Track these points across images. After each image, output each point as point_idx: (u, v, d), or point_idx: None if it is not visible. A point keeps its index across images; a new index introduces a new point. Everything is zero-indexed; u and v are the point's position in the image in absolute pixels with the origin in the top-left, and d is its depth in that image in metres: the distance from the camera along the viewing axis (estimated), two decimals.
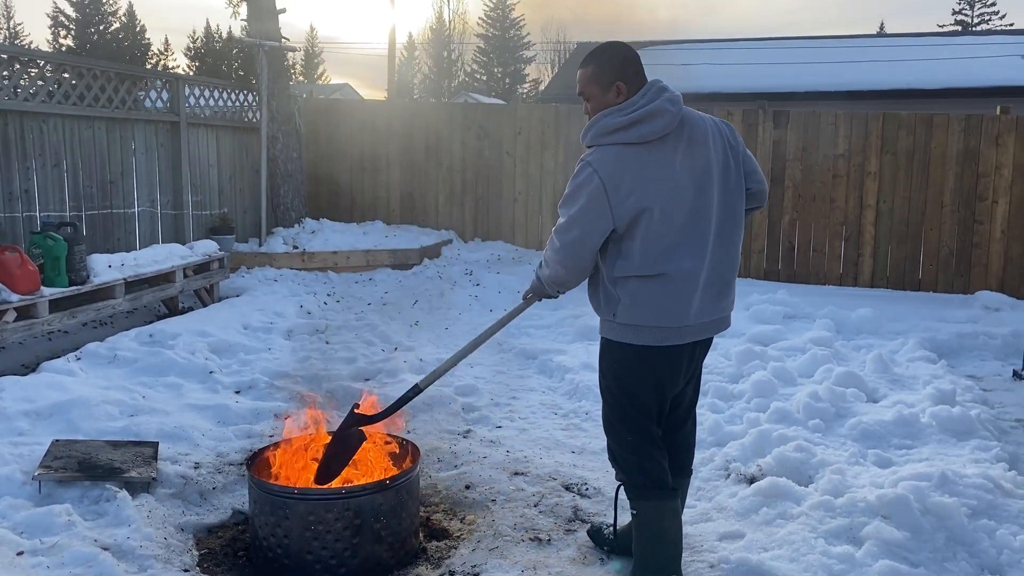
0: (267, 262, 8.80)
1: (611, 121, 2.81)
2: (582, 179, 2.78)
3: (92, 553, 3.04)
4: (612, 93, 2.86)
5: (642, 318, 2.83)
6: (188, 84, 8.57)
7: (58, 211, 6.72)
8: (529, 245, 10.36)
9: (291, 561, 3.10)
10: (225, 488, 3.88)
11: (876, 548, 3.18)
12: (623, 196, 2.74)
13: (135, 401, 4.72)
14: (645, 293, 2.81)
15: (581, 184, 2.78)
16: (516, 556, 3.29)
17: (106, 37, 53.70)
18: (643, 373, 2.92)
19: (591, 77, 2.89)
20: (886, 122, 9.09)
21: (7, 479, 3.57)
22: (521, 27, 57.87)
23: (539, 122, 10.35)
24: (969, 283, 8.89)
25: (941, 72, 14.54)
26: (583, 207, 2.77)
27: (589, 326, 6.95)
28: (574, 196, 2.80)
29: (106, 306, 6.11)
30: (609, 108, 2.85)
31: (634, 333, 2.86)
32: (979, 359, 6.76)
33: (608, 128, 2.81)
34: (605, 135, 2.82)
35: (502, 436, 4.68)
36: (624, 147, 2.78)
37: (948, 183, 8.93)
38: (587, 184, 2.76)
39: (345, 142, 10.89)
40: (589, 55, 2.95)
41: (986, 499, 3.57)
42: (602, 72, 2.87)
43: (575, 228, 2.81)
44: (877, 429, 4.56)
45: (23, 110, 6.34)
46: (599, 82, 2.88)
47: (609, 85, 2.86)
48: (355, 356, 6.07)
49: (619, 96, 2.86)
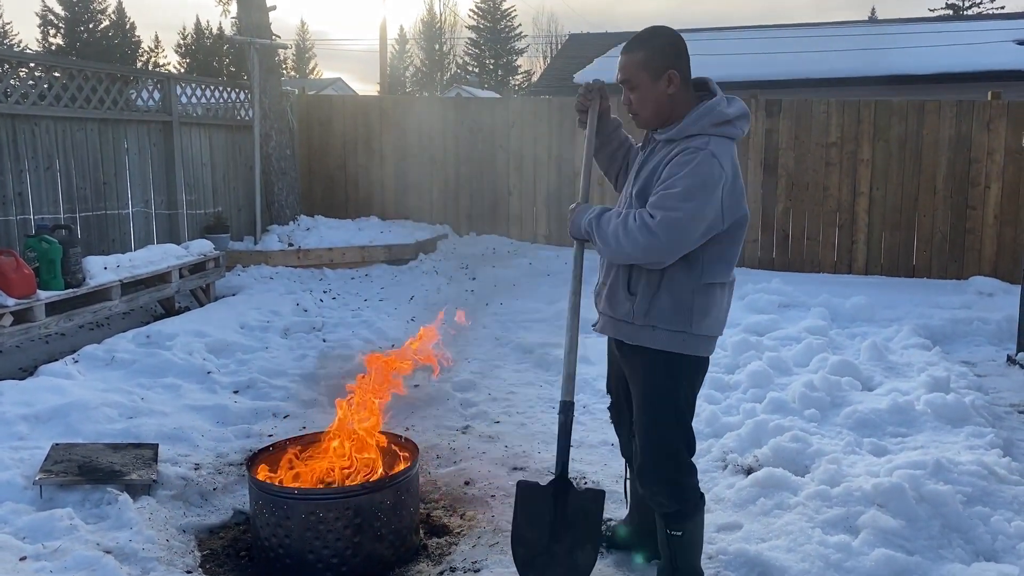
0: (262, 260, 8.81)
1: (724, 111, 2.62)
2: (707, 169, 2.52)
3: (95, 557, 3.06)
4: (663, 83, 2.63)
5: (711, 328, 2.68)
6: (180, 83, 8.55)
7: (52, 214, 6.71)
8: (524, 238, 10.37)
9: (293, 561, 3.13)
10: (226, 489, 3.90)
11: (872, 537, 3.21)
12: (738, 195, 2.61)
13: (134, 403, 4.73)
14: (719, 301, 2.69)
15: (706, 174, 2.51)
16: None
17: (96, 35, 53.44)
18: (699, 388, 2.81)
19: (641, 64, 2.63)
20: (878, 109, 9.11)
21: (8, 484, 3.58)
22: (512, 18, 57.84)
23: (532, 115, 10.35)
24: (962, 268, 8.94)
25: (933, 58, 14.54)
26: (702, 200, 2.51)
27: (585, 318, 6.96)
28: (695, 186, 2.51)
29: (102, 308, 6.11)
30: (714, 99, 2.64)
31: (705, 345, 2.71)
32: (973, 344, 6.79)
33: (722, 118, 2.61)
34: (718, 125, 2.61)
35: (500, 431, 4.71)
36: (731, 142, 2.63)
37: (940, 169, 8.96)
38: (712, 175, 2.52)
39: (338, 138, 10.88)
40: (636, 40, 2.68)
41: (980, 486, 3.60)
42: (653, 59, 2.63)
43: (687, 221, 2.50)
44: (872, 417, 4.59)
45: (14, 113, 6.32)
46: (649, 70, 2.63)
47: (661, 73, 2.62)
48: (353, 353, 6.07)
49: (670, 86, 2.64)
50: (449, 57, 59.64)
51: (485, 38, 57.56)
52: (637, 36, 2.69)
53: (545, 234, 10.32)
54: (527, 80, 55.21)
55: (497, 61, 57.78)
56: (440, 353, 3.66)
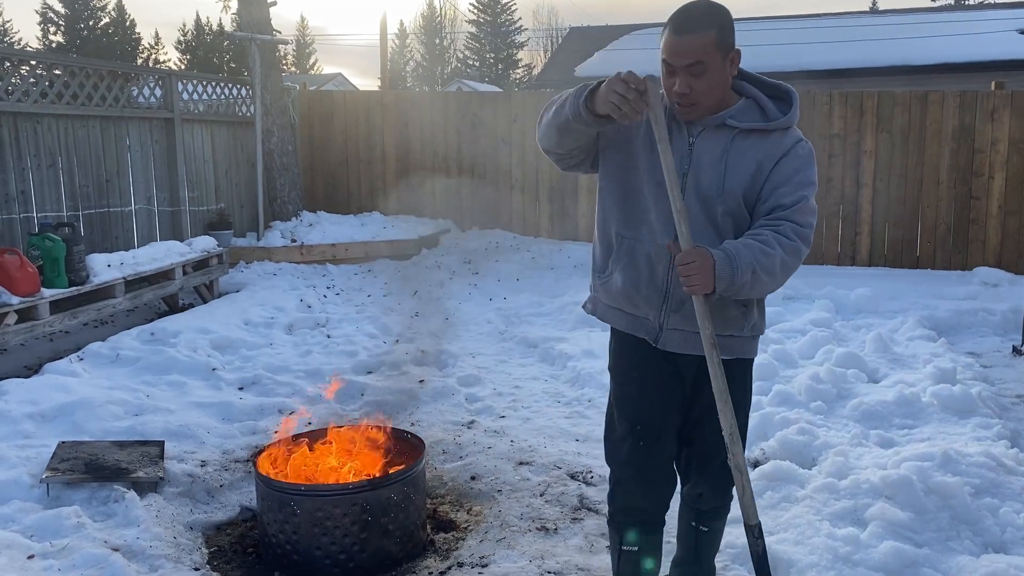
0: (266, 256, 8.81)
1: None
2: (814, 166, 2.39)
3: (102, 554, 3.06)
4: (729, 64, 2.34)
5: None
6: (181, 80, 8.54)
7: (55, 211, 6.71)
8: (527, 232, 10.35)
9: (300, 557, 3.13)
10: (232, 485, 3.90)
11: (880, 529, 3.21)
12: None
13: (139, 400, 4.74)
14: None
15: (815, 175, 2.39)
16: (524, 546, 3.31)
17: (96, 32, 53.37)
18: None
19: (715, 44, 2.26)
20: (881, 100, 9.08)
21: (15, 482, 3.59)
22: (512, 12, 57.75)
23: (534, 109, 10.31)
24: (967, 259, 8.91)
25: (936, 48, 14.49)
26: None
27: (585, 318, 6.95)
28: (815, 189, 2.37)
29: (106, 305, 6.11)
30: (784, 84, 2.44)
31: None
32: (978, 335, 6.78)
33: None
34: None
35: (506, 426, 4.70)
36: None
37: (944, 160, 8.93)
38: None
39: (339, 133, 10.86)
40: (699, 16, 2.28)
41: (989, 477, 3.60)
42: (726, 37, 2.30)
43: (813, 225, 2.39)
44: (879, 409, 4.58)
45: (16, 111, 6.31)
46: (723, 50, 2.29)
47: (728, 53, 2.32)
48: (357, 349, 6.08)
49: (733, 68, 2.36)
50: (449, 51, 59.57)
51: (485, 32, 57.49)
52: (694, 12, 2.29)
53: (548, 229, 10.31)
54: (528, 74, 55.17)
55: (497, 55, 57.70)
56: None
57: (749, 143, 2.36)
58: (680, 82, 2.30)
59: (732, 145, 2.37)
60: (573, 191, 10.08)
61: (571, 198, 10.12)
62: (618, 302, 2.53)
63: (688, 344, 2.45)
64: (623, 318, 2.54)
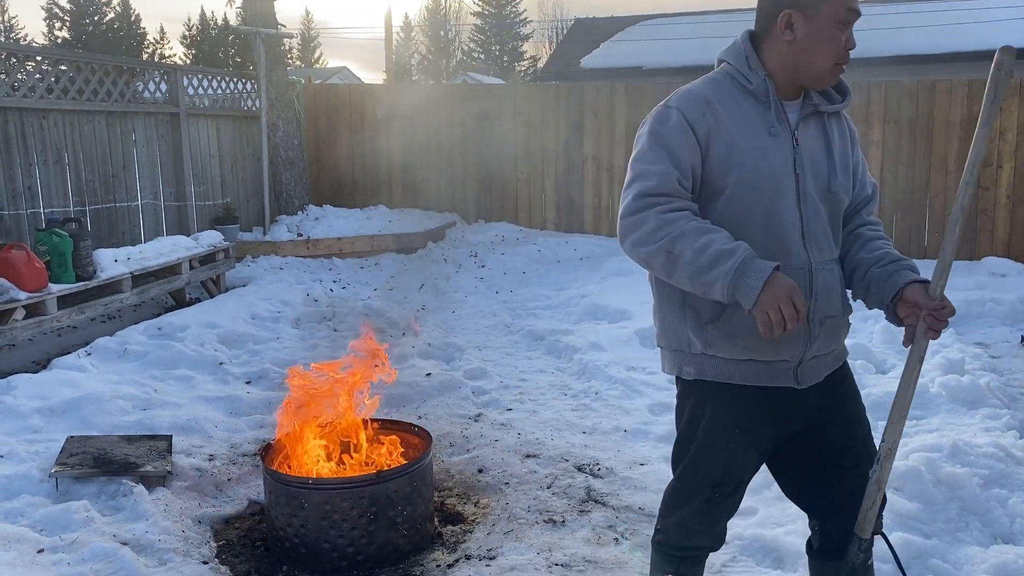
0: (272, 250, 8.81)
1: None
2: None
3: (111, 548, 3.07)
4: None
5: None
6: (186, 74, 8.55)
7: (62, 207, 6.72)
8: (533, 225, 10.34)
9: (308, 550, 3.13)
10: (240, 479, 3.91)
11: (889, 520, 3.18)
12: None
13: (147, 395, 4.75)
14: None
15: None
16: (531, 538, 3.31)
17: (101, 28, 53.44)
18: None
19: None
20: (888, 90, 9.04)
21: (24, 477, 3.60)
22: (517, 3, 57.50)
23: (539, 102, 10.29)
24: (975, 249, 8.87)
25: (943, 37, 14.39)
26: None
27: (596, 304, 6.96)
28: None
29: (114, 300, 6.13)
30: None
31: None
32: (987, 326, 6.75)
33: None
34: None
35: (513, 419, 4.70)
36: None
37: (952, 149, 8.88)
38: None
39: (345, 127, 10.86)
40: None
41: (998, 468, 3.58)
42: None
43: None
44: (887, 401, 4.49)
45: (23, 107, 6.33)
46: None
47: None
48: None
49: None
50: (454, 44, 59.45)
51: (490, 24, 57.31)
52: None
53: (554, 221, 10.29)
54: (533, 66, 54.98)
55: (503, 47, 57.53)
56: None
57: (835, 127, 2.18)
58: (848, 36, 2.07)
59: (830, 132, 2.15)
60: (579, 183, 10.05)
61: (577, 190, 10.09)
62: (749, 351, 2.08)
63: (824, 368, 2.19)
64: (755, 370, 2.11)
